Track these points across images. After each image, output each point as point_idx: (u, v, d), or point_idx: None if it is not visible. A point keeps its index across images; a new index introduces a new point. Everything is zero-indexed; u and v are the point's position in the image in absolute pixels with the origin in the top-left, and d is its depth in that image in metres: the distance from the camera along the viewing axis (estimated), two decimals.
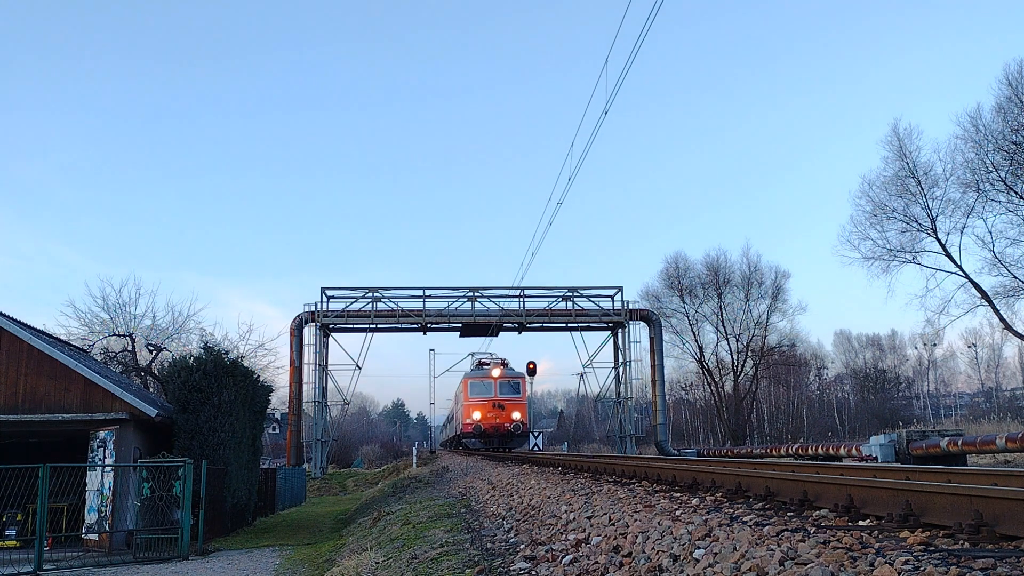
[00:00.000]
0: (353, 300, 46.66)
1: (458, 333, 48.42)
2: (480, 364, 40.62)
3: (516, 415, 36.21)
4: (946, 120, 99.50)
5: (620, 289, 47.76)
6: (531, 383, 43.38)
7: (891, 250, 39.03)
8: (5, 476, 16.55)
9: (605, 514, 6.98)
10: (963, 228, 36.49)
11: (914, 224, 38.19)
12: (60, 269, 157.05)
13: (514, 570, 5.94)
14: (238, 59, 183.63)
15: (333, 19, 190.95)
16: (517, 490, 11.91)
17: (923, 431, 23.52)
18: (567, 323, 47.79)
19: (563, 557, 5.81)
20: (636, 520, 6.18)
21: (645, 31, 11.92)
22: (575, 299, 47.37)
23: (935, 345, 70.35)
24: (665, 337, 50.33)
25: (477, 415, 36.09)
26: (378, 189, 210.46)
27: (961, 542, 4.12)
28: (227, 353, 24.14)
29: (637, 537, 5.54)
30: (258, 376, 26.11)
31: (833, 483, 5.94)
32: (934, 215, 37.36)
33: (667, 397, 52.21)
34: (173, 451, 20.10)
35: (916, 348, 75.24)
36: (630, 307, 47.94)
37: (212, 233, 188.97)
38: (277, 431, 66.96)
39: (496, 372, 37.06)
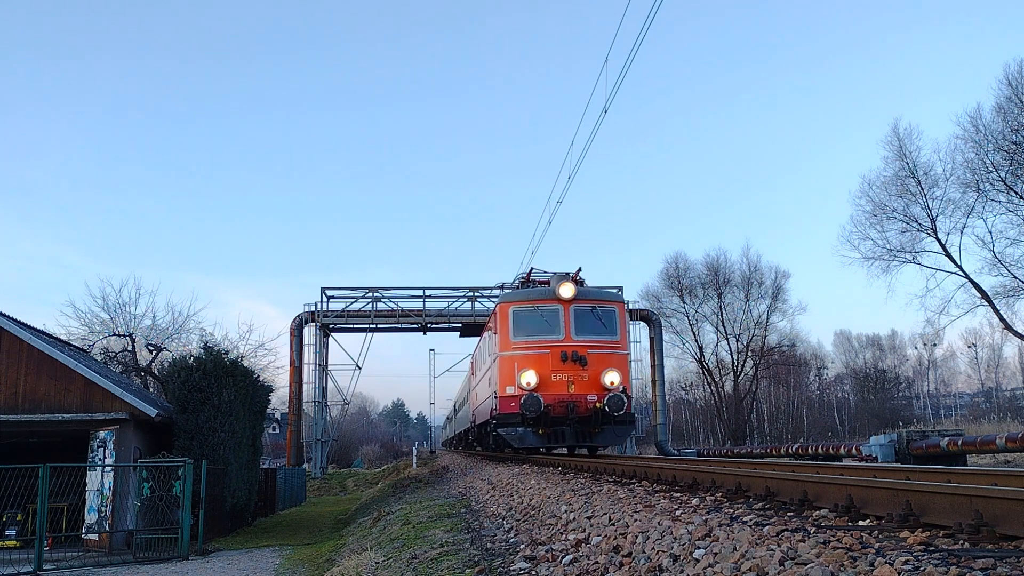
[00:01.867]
0: (353, 300, 46.67)
1: (458, 333, 48.39)
2: (529, 280, 20.53)
3: (611, 378, 17.28)
4: (946, 120, 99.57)
5: (620, 289, 47.77)
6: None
7: (891, 250, 39.14)
8: (5, 476, 16.57)
9: (605, 514, 6.98)
10: (963, 228, 36.60)
11: (914, 224, 38.28)
12: (60, 269, 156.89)
13: (514, 570, 5.94)
14: (239, 59, 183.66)
15: (333, 18, 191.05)
16: (517, 490, 11.89)
17: (923, 431, 23.57)
18: None
19: (563, 557, 5.81)
20: (636, 520, 6.18)
21: (645, 31, 11.92)
22: None
23: (935, 345, 70.41)
24: (665, 337, 50.36)
25: (530, 378, 16.95)
26: (378, 188, 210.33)
27: (961, 542, 4.11)
28: (227, 353, 24.15)
29: (637, 537, 5.54)
30: (258, 376, 26.13)
31: (833, 483, 5.93)
32: (934, 215, 37.45)
33: (667, 397, 52.25)
34: (173, 451, 20.12)
35: (916, 348, 75.27)
36: (630, 307, 47.91)
37: (212, 233, 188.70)
38: (277, 431, 67.01)
39: (566, 291, 17.73)
